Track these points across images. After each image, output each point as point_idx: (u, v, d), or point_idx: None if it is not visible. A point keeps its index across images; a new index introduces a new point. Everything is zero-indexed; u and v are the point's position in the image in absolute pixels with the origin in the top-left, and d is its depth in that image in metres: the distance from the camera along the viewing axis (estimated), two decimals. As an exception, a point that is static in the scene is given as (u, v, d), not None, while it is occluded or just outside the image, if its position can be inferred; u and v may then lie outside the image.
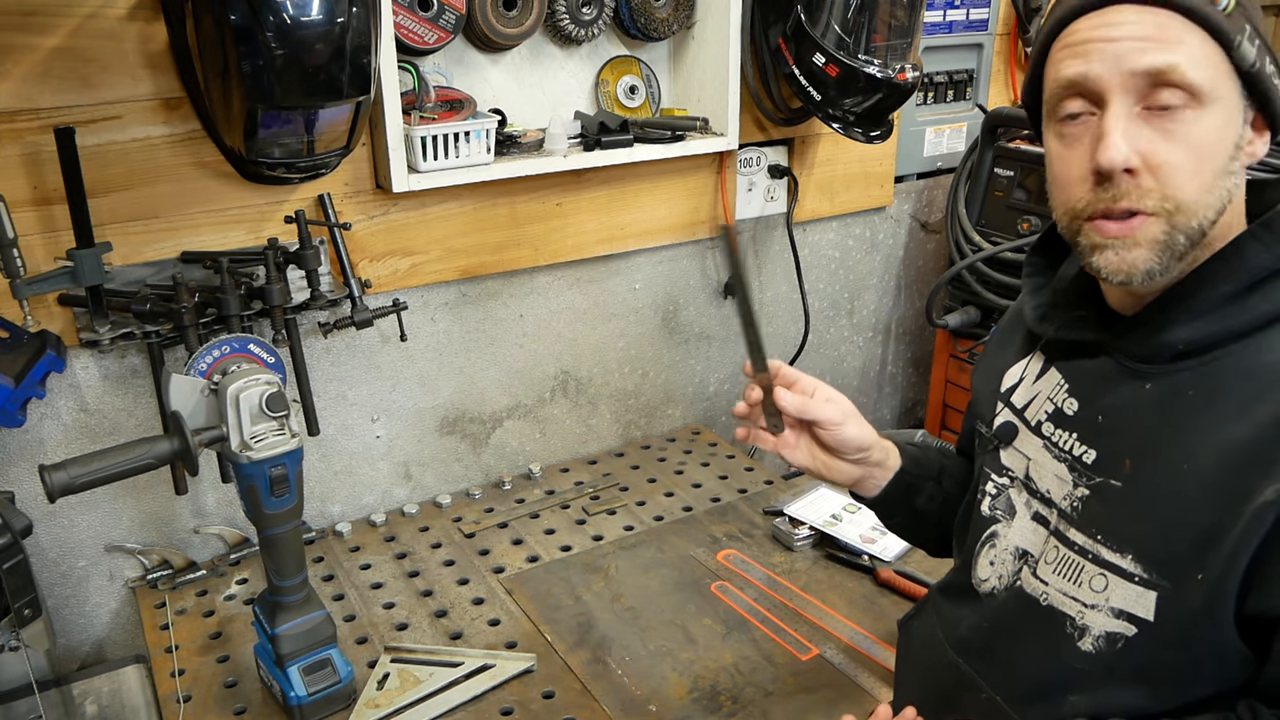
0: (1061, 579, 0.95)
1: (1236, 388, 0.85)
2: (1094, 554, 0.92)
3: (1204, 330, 0.87)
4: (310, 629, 1.31)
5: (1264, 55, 0.83)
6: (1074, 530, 0.94)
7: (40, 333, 1.42)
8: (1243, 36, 0.81)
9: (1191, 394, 0.87)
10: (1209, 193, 0.83)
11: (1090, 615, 0.92)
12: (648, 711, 1.32)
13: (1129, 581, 0.89)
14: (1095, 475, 0.93)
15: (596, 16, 1.74)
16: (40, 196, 1.39)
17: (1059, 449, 0.98)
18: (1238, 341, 0.86)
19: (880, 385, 2.56)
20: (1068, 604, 0.94)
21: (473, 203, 1.74)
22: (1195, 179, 0.83)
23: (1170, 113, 0.82)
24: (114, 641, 1.67)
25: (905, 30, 1.79)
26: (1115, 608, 0.90)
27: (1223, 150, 0.83)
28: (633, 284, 2.02)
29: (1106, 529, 0.91)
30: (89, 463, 1.11)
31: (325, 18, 1.22)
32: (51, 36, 1.34)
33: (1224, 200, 0.85)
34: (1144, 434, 0.90)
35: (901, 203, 2.36)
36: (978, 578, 1.08)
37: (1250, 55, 0.82)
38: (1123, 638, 0.90)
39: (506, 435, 1.97)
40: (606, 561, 1.66)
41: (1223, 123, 0.83)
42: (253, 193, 1.55)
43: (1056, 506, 0.97)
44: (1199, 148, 0.83)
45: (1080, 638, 0.93)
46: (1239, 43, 0.81)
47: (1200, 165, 0.83)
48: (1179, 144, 0.83)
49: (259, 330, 1.56)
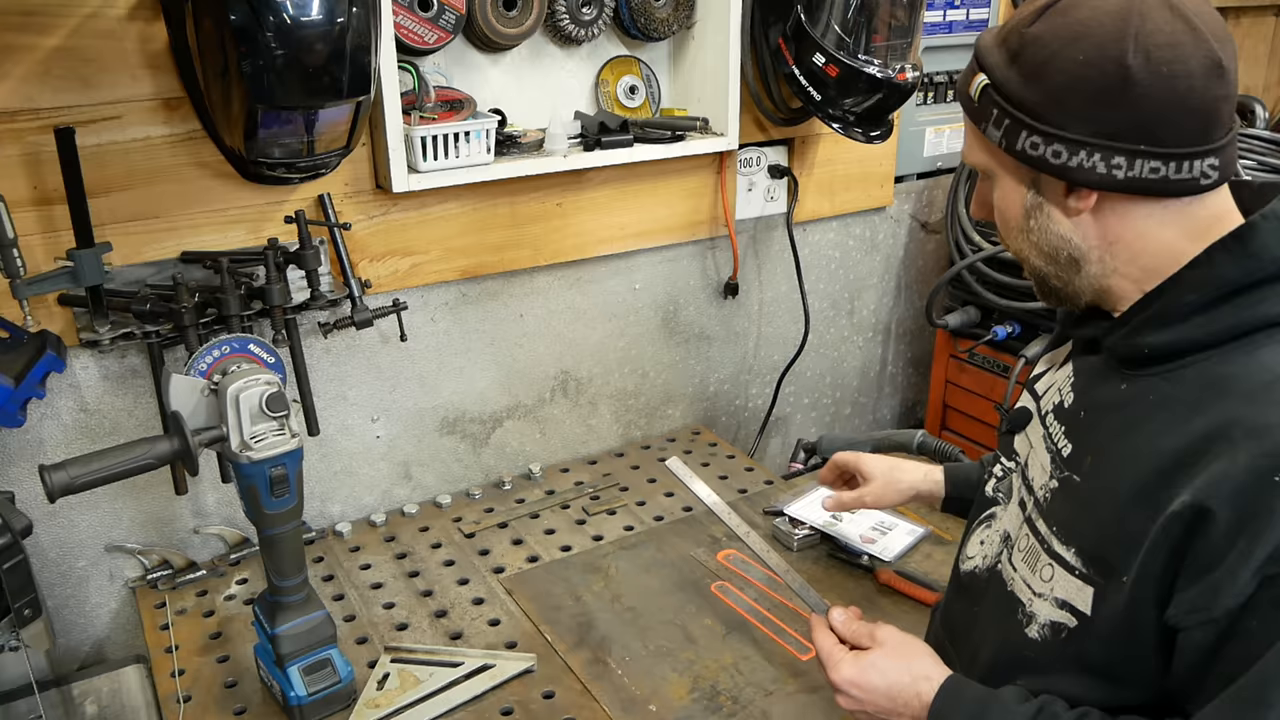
0: (1025, 566, 0.99)
1: (1188, 397, 0.87)
2: (1048, 544, 0.96)
3: (1170, 337, 0.89)
4: (310, 629, 1.31)
5: (1016, 133, 0.89)
6: (1040, 520, 0.98)
7: (40, 333, 1.42)
8: (988, 122, 0.92)
9: (1151, 398, 0.90)
10: (1021, 245, 0.97)
11: (1038, 604, 0.96)
12: (648, 711, 1.32)
13: (1070, 574, 0.92)
14: (1065, 469, 0.97)
15: (596, 16, 1.74)
16: (40, 196, 1.39)
17: (1050, 440, 1.01)
18: (1203, 351, 0.88)
19: (880, 385, 2.56)
20: (1023, 590, 0.99)
21: (473, 203, 1.74)
22: (1007, 234, 0.99)
23: (985, 183, 1.00)
24: (114, 641, 1.67)
25: (905, 30, 1.79)
26: (1058, 598, 0.94)
27: (1013, 213, 0.96)
28: (633, 284, 2.02)
29: (1060, 521, 0.95)
30: (89, 463, 1.11)
31: (325, 18, 1.22)
32: (51, 36, 1.34)
33: (1040, 249, 0.95)
34: (1108, 433, 0.93)
35: (901, 203, 2.36)
36: (964, 555, 1.13)
37: (994, 136, 0.92)
38: (1065, 628, 0.93)
39: (506, 435, 1.97)
40: (606, 561, 1.66)
41: (1005, 192, 0.96)
42: (253, 193, 1.54)
43: (1035, 495, 1.01)
44: (999, 211, 0.98)
45: (1028, 624, 0.97)
46: (985, 127, 0.93)
47: (1005, 225, 0.98)
48: (995, 206, 0.99)
49: (259, 330, 1.56)
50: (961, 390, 2.30)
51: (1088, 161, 0.86)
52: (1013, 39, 0.90)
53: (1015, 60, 0.89)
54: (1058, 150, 0.87)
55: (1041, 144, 0.88)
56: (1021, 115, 0.88)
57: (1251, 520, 0.78)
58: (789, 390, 2.34)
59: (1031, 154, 0.89)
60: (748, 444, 2.31)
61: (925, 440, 1.76)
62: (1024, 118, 0.88)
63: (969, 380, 2.27)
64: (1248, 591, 0.79)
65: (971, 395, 2.27)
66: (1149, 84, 0.82)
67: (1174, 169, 0.85)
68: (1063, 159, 0.87)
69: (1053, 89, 0.86)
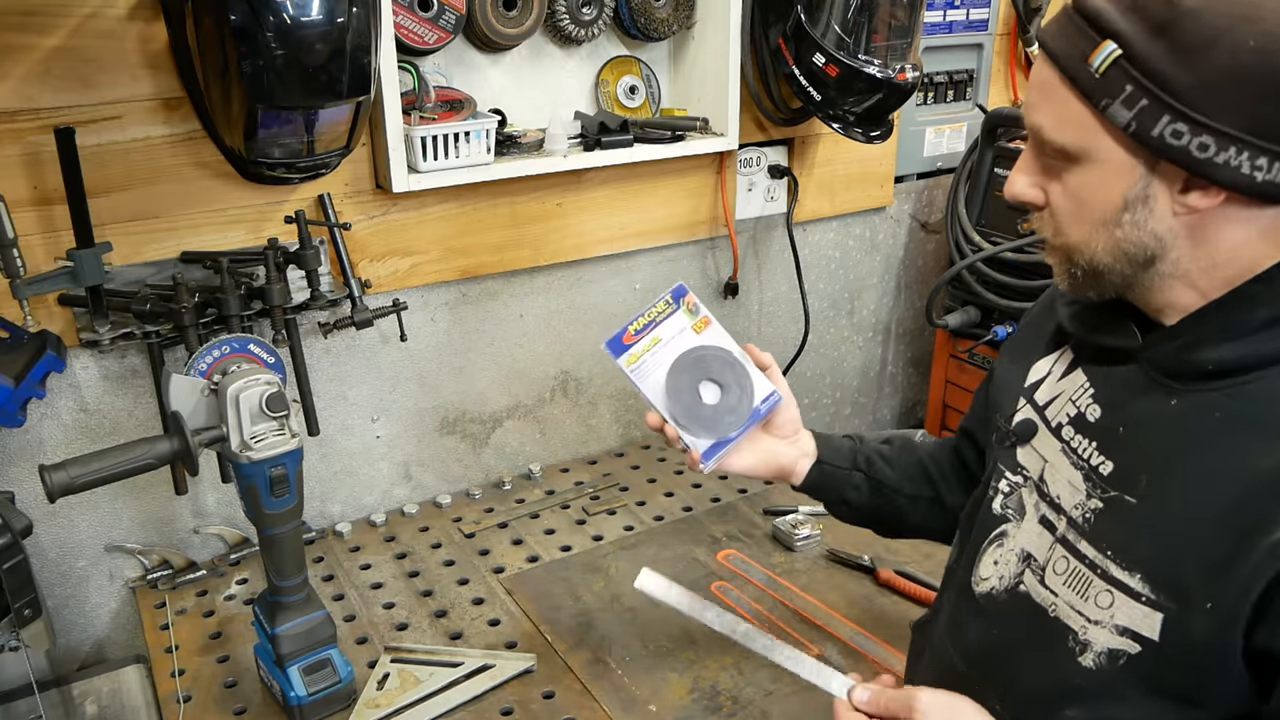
0: (1071, 591, 0.93)
1: (1265, 415, 0.82)
2: (1103, 569, 0.90)
3: (1237, 352, 0.84)
4: (310, 629, 1.31)
5: (1156, 116, 0.78)
6: (1084, 542, 0.92)
7: (40, 333, 1.42)
8: (1116, 99, 0.80)
9: (1218, 416, 0.84)
10: (1094, 238, 0.87)
11: (1094, 631, 0.90)
12: (648, 711, 1.32)
13: (1135, 601, 0.87)
14: (1110, 488, 0.91)
15: (596, 16, 1.74)
16: (40, 196, 1.39)
17: (1077, 455, 0.95)
18: (1271, 367, 0.83)
19: (880, 385, 2.56)
20: (1073, 617, 0.92)
21: (473, 203, 1.74)
22: (1077, 224, 0.88)
23: (1054, 164, 0.88)
24: (114, 641, 1.67)
25: (905, 30, 1.79)
26: (1120, 625, 0.88)
27: (1104, 204, 0.85)
28: (633, 284, 2.02)
29: (1117, 545, 0.89)
30: (89, 463, 1.11)
31: (325, 18, 1.22)
32: (51, 36, 1.34)
33: (1121, 246, 0.86)
34: (1165, 451, 0.87)
35: (901, 203, 2.36)
36: (979, 576, 1.06)
37: (1123, 117, 0.80)
38: (1125, 655, 0.88)
39: (506, 435, 1.97)
40: (606, 561, 1.66)
41: (1100, 179, 0.85)
42: (253, 193, 1.54)
43: (1066, 514, 0.95)
44: (1076, 198, 0.87)
45: (1082, 653, 0.91)
46: (1107, 105, 0.80)
47: (1080, 213, 0.87)
48: (1062, 190, 0.88)
49: (259, 330, 1.56)
50: (961, 390, 2.30)
51: (1235, 159, 0.77)
52: (1156, 6, 0.78)
53: (1163, 33, 0.77)
54: (1205, 143, 0.77)
55: (1187, 133, 0.77)
56: (1166, 97, 0.77)
57: None
58: (789, 390, 2.34)
59: (1172, 143, 0.78)
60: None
61: (925, 440, 1.75)
62: (1170, 100, 0.77)
63: (969, 380, 2.27)
64: None
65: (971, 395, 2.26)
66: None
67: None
68: (1208, 153, 0.77)
69: (1213, 73, 0.76)
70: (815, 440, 1.26)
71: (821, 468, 1.24)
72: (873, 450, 1.28)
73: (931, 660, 1.12)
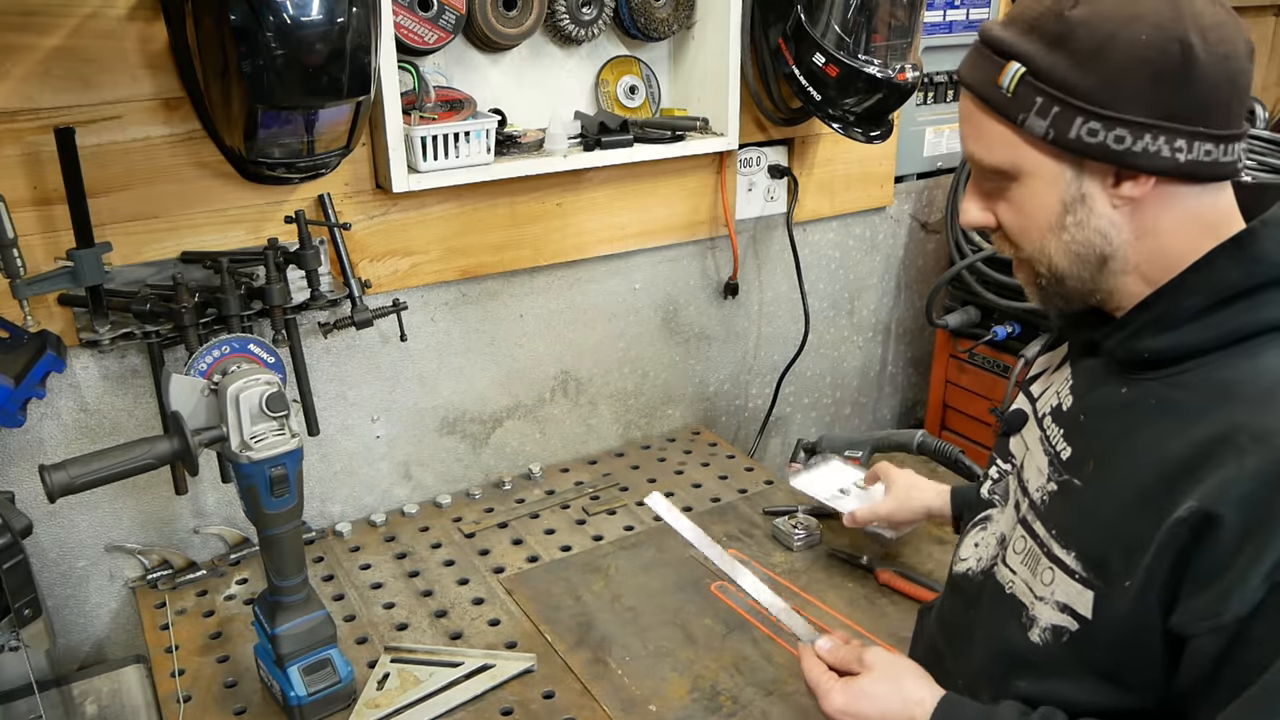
0: (1025, 569, 0.98)
1: (1190, 401, 0.86)
2: (1048, 548, 0.95)
3: (1170, 341, 0.88)
4: (310, 629, 1.31)
5: (1070, 120, 0.84)
6: (1039, 523, 0.97)
7: (40, 333, 1.42)
8: (1030, 112, 0.86)
9: (1153, 402, 0.89)
10: (1046, 245, 0.92)
11: (1039, 607, 0.95)
12: (648, 711, 1.32)
13: (1070, 578, 0.92)
14: (1064, 472, 0.96)
15: (596, 16, 1.74)
16: (40, 196, 1.39)
17: (1048, 443, 1.00)
18: (1204, 356, 0.87)
19: (880, 385, 2.56)
20: (1025, 594, 0.98)
21: (473, 203, 1.74)
22: (1028, 236, 0.93)
23: (993, 186, 0.93)
24: (114, 641, 1.67)
25: (905, 30, 1.79)
26: (1059, 601, 0.93)
27: (1046, 211, 0.90)
28: (633, 284, 2.02)
29: (1061, 525, 0.94)
30: (89, 463, 1.11)
31: (325, 18, 1.22)
32: (51, 36, 1.34)
33: (1071, 248, 0.91)
34: (1112, 437, 0.92)
35: (901, 203, 2.36)
36: (958, 557, 1.12)
37: (1039, 127, 0.86)
38: (1067, 631, 0.92)
39: (506, 435, 1.97)
40: (606, 561, 1.66)
41: (1036, 189, 0.90)
42: (253, 193, 1.54)
43: (1030, 497, 1.00)
44: (1021, 211, 0.92)
45: (1030, 628, 0.96)
46: (1024, 119, 0.87)
47: (1028, 225, 0.92)
48: (1009, 208, 0.93)
49: (259, 330, 1.56)
50: (961, 390, 2.30)
51: (1152, 145, 0.83)
52: (1048, 23, 0.85)
53: (1060, 45, 0.84)
54: (1120, 135, 0.83)
55: (1101, 130, 0.83)
56: (1075, 101, 0.84)
57: (1260, 526, 0.78)
58: (789, 390, 2.34)
59: (1089, 141, 0.84)
60: (748, 444, 2.31)
61: (925, 440, 1.76)
62: (1079, 103, 0.84)
63: (969, 380, 2.27)
64: (1257, 598, 0.78)
65: (971, 395, 2.27)
66: (1207, 63, 0.81)
67: (1222, 151, 0.84)
68: (1125, 144, 0.83)
69: (1112, 71, 0.82)
70: (951, 501, 1.43)
71: (953, 490, 1.41)
72: None
73: (922, 641, 1.19)
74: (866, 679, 1.02)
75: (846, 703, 1.01)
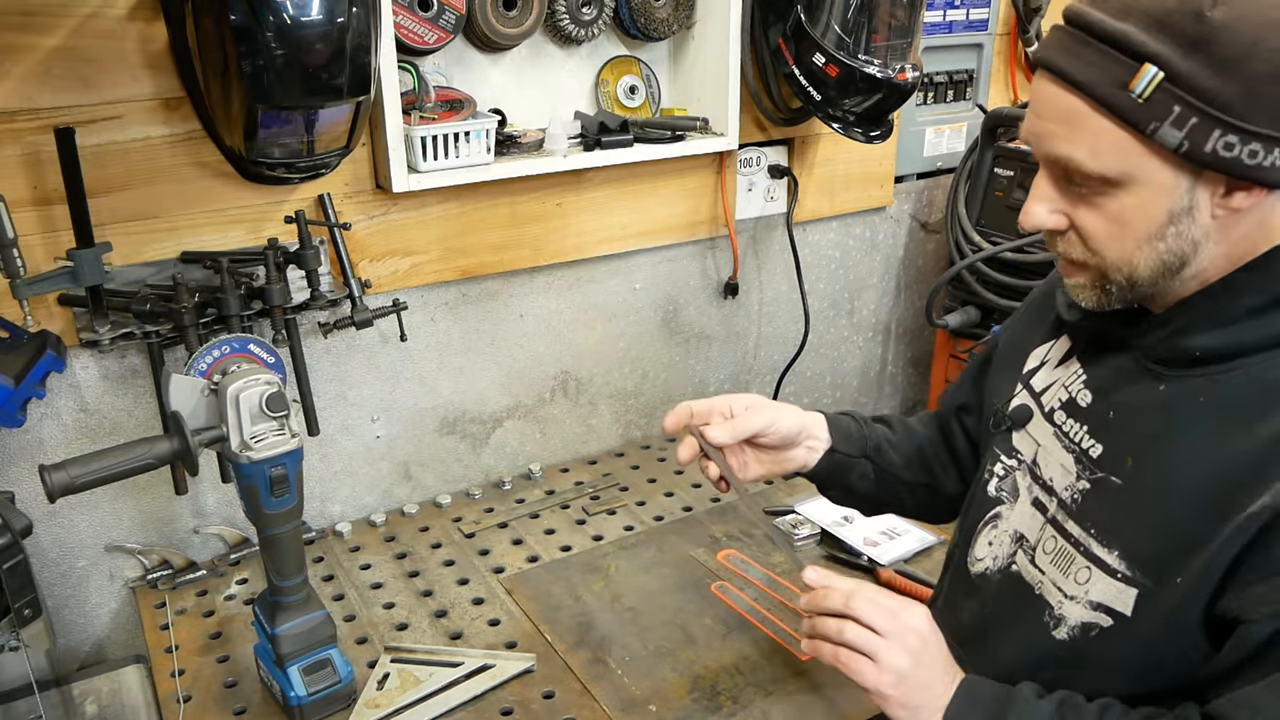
0: (1055, 569, 0.97)
1: (1246, 401, 0.85)
2: (1085, 547, 0.94)
3: (1223, 340, 0.87)
4: (310, 629, 1.31)
5: (1207, 132, 0.78)
6: (1071, 522, 0.96)
7: (40, 333, 1.42)
8: (1165, 122, 0.79)
9: (1202, 400, 0.87)
10: (1136, 255, 0.86)
11: (1068, 606, 0.95)
12: (648, 711, 1.32)
13: (1111, 577, 0.91)
14: (1098, 470, 0.95)
15: (596, 16, 1.74)
16: (40, 196, 1.39)
17: (1068, 439, 0.99)
18: (1256, 355, 0.86)
19: (880, 385, 2.56)
20: (1053, 593, 0.97)
21: (473, 203, 1.74)
22: (1116, 243, 0.86)
23: (1085, 190, 0.86)
24: (114, 641, 1.67)
25: (905, 30, 1.79)
26: (1094, 600, 0.92)
27: (1148, 222, 0.84)
28: (633, 284, 2.02)
29: (1099, 524, 0.93)
30: (89, 463, 1.11)
31: (325, 18, 1.22)
32: (51, 36, 1.34)
33: (1163, 258, 0.86)
34: (1150, 434, 0.91)
35: (901, 203, 2.36)
36: (974, 557, 1.11)
37: (1173, 138, 0.79)
38: (1097, 628, 0.92)
39: (506, 435, 1.97)
40: (606, 561, 1.66)
41: (1145, 200, 0.83)
42: (253, 193, 1.54)
43: (1057, 496, 0.99)
44: (1117, 220, 0.85)
45: (1056, 626, 0.96)
46: (1156, 129, 0.79)
47: (1122, 233, 0.86)
48: (1097, 213, 0.86)
49: (259, 330, 1.56)
50: (961, 390, 2.30)
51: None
52: (1185, 23, 0.77)
53: (1199, 49, 0.77)
54: (1255, 150, 0.78)
55: (1238, 144, 0.78)
56: (1214, 112, 0.78)
57: None
58: (789, 390, 2.34)
59: (1224, 155, 0.79)
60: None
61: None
62: (1220, 114, 0.78)
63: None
64: None
65: (971, 395, 2.27)
66: None
67: None
68: (1259, 158, 0.78)
69: (1255, 80, 0.77)
70: (827, 425, 1.23)
71: (833, 456, 1.23)
72: (881, 437, 1.28)
73: None
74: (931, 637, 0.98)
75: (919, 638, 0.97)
